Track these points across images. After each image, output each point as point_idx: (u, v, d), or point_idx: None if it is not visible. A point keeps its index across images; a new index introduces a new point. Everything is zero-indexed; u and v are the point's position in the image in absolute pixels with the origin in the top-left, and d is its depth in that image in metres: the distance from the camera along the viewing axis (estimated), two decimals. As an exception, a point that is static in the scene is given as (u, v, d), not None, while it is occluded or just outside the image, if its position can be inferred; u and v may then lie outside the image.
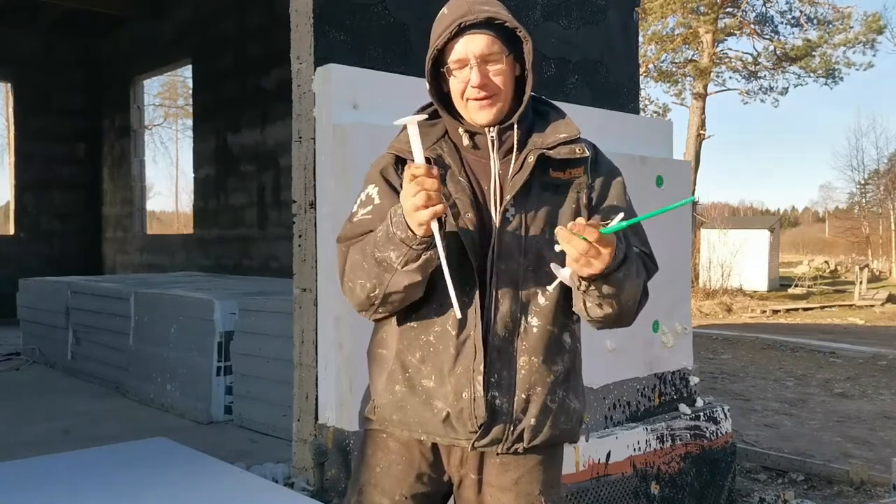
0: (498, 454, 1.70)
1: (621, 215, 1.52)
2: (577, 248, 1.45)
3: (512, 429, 1.67)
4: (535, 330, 1.67)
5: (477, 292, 1.63)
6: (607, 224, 1.48)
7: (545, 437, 1.70)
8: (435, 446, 1.74)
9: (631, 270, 1.59)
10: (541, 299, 1.67)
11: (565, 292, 1.69)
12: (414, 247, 1.51)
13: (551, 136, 1.69)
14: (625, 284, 1.58)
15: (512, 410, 1.66)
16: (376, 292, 1.59)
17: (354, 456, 2.08)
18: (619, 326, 1.71)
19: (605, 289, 1.56)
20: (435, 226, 1.48)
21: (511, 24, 1.65)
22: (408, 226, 1.49)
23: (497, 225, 1.64)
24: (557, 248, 1.50)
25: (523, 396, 1.66)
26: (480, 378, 1.63)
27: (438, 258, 1.52)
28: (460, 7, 1.64)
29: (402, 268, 1.54)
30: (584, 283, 1.56)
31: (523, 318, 1.66)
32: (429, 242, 1.51)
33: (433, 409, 1.66)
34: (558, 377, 1.71)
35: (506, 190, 1.65)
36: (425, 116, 1.58)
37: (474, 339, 1.63)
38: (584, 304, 1.62)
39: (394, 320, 1.73)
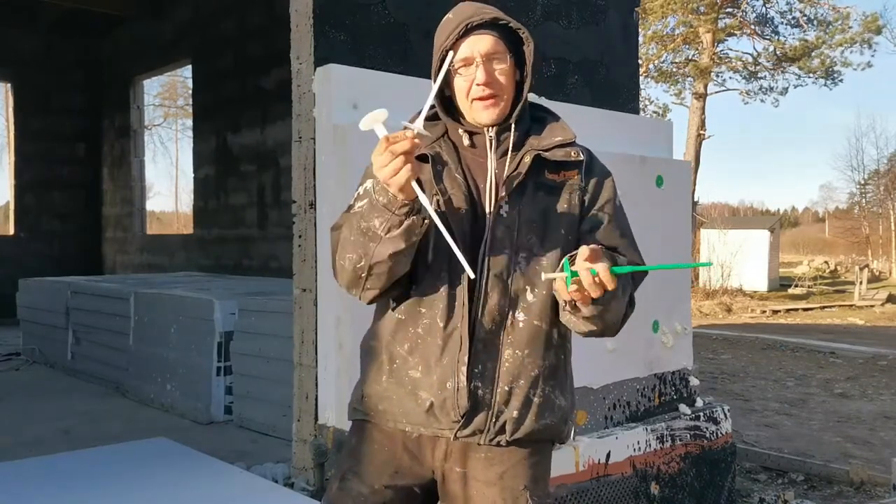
0: (480, 445, 1.73)
1: (625, 259, 1.59)
2: (586, 280, 1.49)
3: (494, 420, 1.70)
4: (521, 324, 1.70)
5: (466, 285, 1.67)
6: (615, 263, 1.54)
7: (528, 431, 1.72)
8: (419, 439, 1.76)
9: (617, 292, 1.59)
10: (529, 295, 1.70)
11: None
12: (396, 211, 1.53)
13: (548, 138, 1.75)
14: (610, 305, 1.61)
15: (494, 401, 1.69)
16: (362, 263, 1.60)
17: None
18: (601, 337, 1.75)
19: (590, 311, 1.60)
20: (417, 188, 1.51)
21: (514, 25, 1.72)
22: (388, 191, 1.51)
23: (491, 220, 1.68)
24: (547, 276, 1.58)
25: (506, 388, 1.70)
26: (464, 369, 1.67)
27: (427, 217, 1.55)
28: (466, 10, 1.71)
29: (386, 234, 1.55)
30: (569, 304, 1.61)
31: (511, 313, 1.69)
32: (411, 206, 1.53)
33: (418, 399, 1.70)
34: (543, 372, 1.73)
35: (501, 187, 1.70)
36: (385, 113, 1.57)
37: (461, 331, 1.67)
38: (570, 319, 1.67)
39: (386, 313, 1.76)
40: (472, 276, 1.57)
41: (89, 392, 6.24)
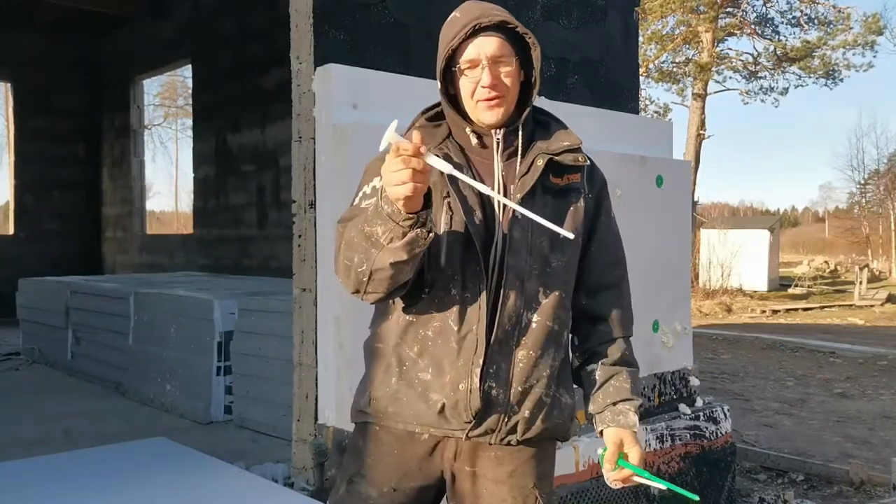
0: (490, 444, 1.74)
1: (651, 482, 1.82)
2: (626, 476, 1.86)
3: (506, 420, 1.71)
4: (534, 325, 1.71)
5: (483, 287, 1.66)
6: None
7: (538, 431, 1.74)
8: (428, 441, 1.76)
9: (638, 386, 1.87)
10: (542, 297, 1.72)
11: (564, 289, 1.76)
12: (399, 223, 1.48)
13: (556, 143, 1.76)
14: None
15: (508, 402, 1.71)
16: (363, 268, 1.56)
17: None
18: None
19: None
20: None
21: (521, 29, 1.71)
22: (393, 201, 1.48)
23: (506, 222, 1.69)
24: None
25: (520, 389, 1.71)
26: (478, 370, 1.67)
27: (432, 230, 1.52)
28: (473, 11, 1.70)
29: (388, 244, 1.51)
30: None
31: (525, 314, 1.70)
32: (415, 219, 1.48)
33: (429, 401, 1.71)
34: (554, 372, 1.75)
35: (515, 189, 1.70)
36: (395, 122, 1.52)
37: (476, 334, 1.67)
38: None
39: (392, 315, 1.76)
40: (571, 236, 1.62)
41: (89, 392, 6.24)
